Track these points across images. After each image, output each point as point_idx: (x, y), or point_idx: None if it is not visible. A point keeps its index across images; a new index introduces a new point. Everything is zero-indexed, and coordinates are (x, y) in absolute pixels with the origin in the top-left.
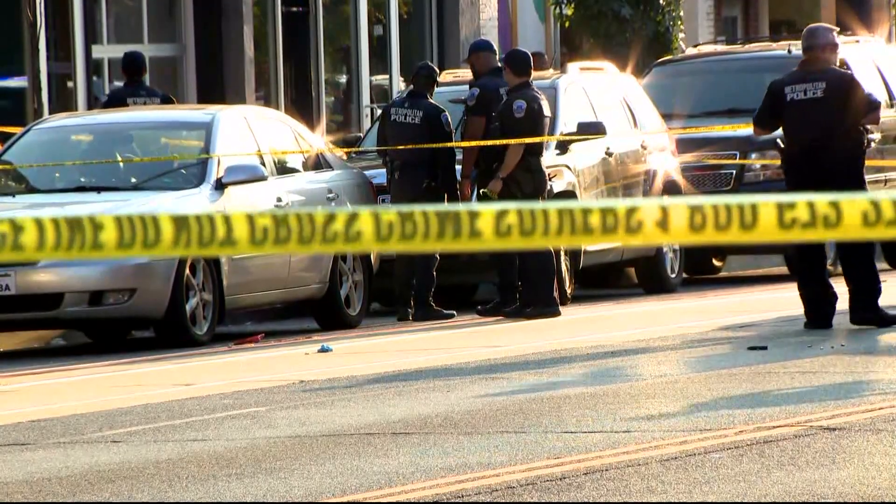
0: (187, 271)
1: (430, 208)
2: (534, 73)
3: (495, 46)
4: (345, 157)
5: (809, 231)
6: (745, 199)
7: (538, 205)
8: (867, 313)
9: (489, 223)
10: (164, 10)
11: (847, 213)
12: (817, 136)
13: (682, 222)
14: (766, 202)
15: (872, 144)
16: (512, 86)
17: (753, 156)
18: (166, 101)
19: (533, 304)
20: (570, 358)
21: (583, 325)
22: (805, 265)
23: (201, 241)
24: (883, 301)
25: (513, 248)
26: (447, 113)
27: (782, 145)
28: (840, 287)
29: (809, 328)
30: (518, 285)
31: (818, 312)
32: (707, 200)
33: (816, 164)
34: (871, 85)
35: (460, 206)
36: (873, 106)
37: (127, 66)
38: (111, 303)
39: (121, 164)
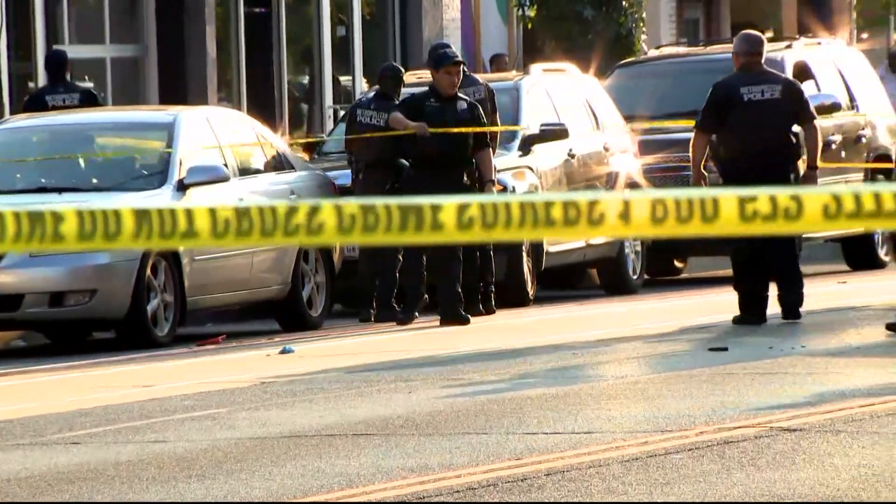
0: (148, 272)
1: (393, 201)
2: (496, 75)
3: (456, 48)
4: (308, 158)
5: (770, 224)
6: (707, 191)
7: (500, 198)
8: (794, 311)
9: (451, 216)
10: (126, 10)
11: (808, 206)
12: (772, 136)
13: (644, 214)
14: (728, 195)
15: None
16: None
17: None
18: (88, 95)
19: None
20: (532, 359)
21: (544, 326)
22: (743, 260)
23: (162, 233)
24: (836, 301)
25: (475, 242)
26: None
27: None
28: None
29: (740, 323)
30: (481, 287)
31: (752, 308)
32: (669, 194)
33: (756, 167)
34: (832, 87)
35: (424, 200)
36: (813, 115)
37: (48, 65)
38: (72, 304)
39: (82, 163)
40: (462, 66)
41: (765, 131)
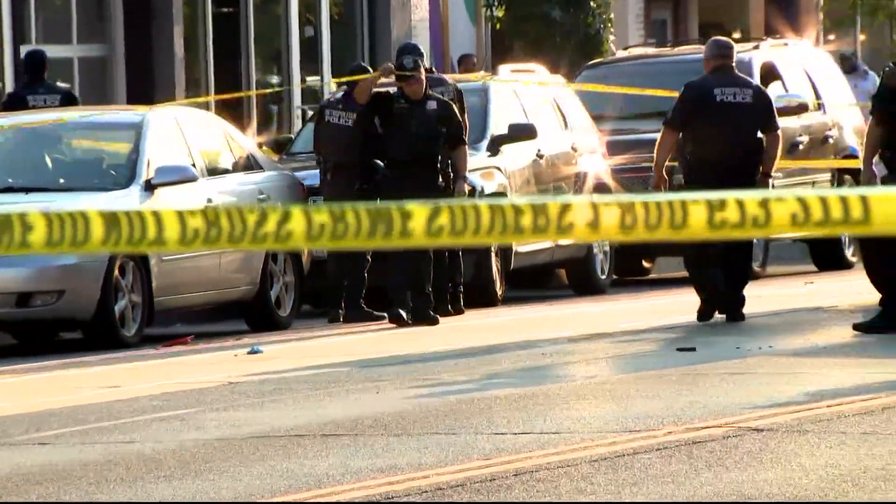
0: (116, 273)
1: (362, 207)
2: (464, 75)
3: (424, 48)
4: (276, 159)
5: (739, 230)
6: (676, 197)
7: (470, 201)
8: (738, 312)
9: (420, 223)
10: (94, 10)
11: (776, 213)
12: (742, 138)
13: (613, 222)
14: (697, 201)
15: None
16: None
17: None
18: (68, 97)
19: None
20: (501, 359)
21: (513, 326)
22: (700, 261)
23: (131, 239)
24: (804, 301)
25: (444, 246)
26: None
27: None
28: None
29: (702, 320)
30: (450, 287)
31: (709, 307)
32: (638, 199)
33: (723, 168)
34: (799, 88)
35: (393, 207)
36: (778, 125)
37: (27, 65)
38: (39, 304)
39: (49, 163)
40: (417, 73)
41: (735, 133)
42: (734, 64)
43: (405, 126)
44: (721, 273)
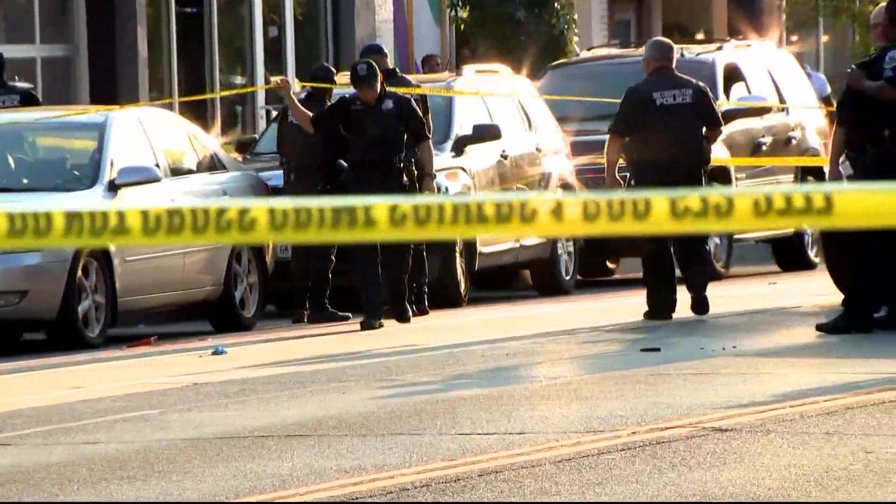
0: (80, 273)
1: (326, 200)
2: (429, 76)
3: (388, 49)
4: (240, 159)
5: (701, 221)
6: (639, 192)
7: (434, 199)
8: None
9: (384, 212)
10: (57, 10)
11: (738, 203)
12: (685, 139)
13: (576, 211)
14: (659, 195)
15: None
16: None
17: None
18: (27, 97)
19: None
20: (465, 360)
21: (478, 327)
22: (656, 260)
23: (93, 229)
24: (767, 301)
25: (408, 240)
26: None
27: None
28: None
29: (650, 318)
30: (414, 287)
31: (660, 304)
32: (601, 195)
33: (669, 169)
34: (762, 89)
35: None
36: (720, 121)
37: None
38: (2, 305)
39: (12, 163)
40: (376, 78)
41: (678, 135)
42: (674, 65)
43: (363, 128)
44: (670, 278)
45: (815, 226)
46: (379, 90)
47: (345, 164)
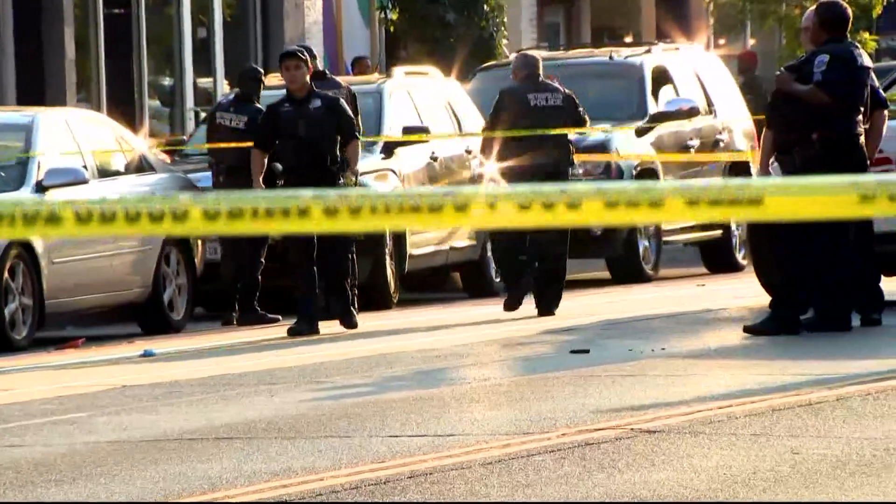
0: (6, 274)
1: (260, 193)
2: (358, 78)
3: (318, 50)
4: (169, 161)
5: (633, 212)
6: (570, 186)
7: (371, 191)
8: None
9: (318, 201)
10: None
11: (670, 194)
12: (555, 137)
13: (510, 204)
14: (589, 186)
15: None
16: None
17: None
18: None
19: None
20: (395, 362)
21: (407, 328)
22: (510, 256)
23: (25, 217)
24: (695, 303)
25: (342, 231)
26: None
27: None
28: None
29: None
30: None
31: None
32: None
33: (538, 165)
34: (690, 91)
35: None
36: (586, 121)
37: None
38: None
39: None
40: (304, 62)
41: (547, 136)
42: (540, 74)
43: (293, 131)
44: (530, 275)
45: (746, 217)
46: (308, 86)
47: (279, 165)
